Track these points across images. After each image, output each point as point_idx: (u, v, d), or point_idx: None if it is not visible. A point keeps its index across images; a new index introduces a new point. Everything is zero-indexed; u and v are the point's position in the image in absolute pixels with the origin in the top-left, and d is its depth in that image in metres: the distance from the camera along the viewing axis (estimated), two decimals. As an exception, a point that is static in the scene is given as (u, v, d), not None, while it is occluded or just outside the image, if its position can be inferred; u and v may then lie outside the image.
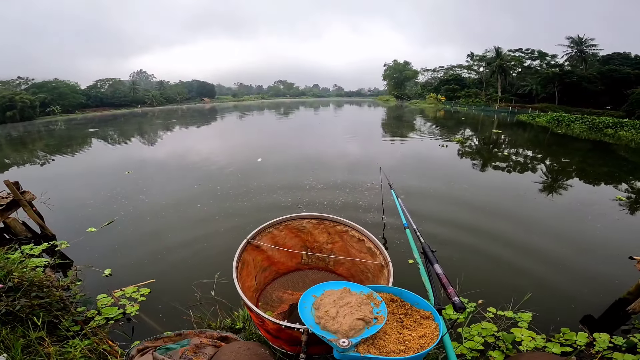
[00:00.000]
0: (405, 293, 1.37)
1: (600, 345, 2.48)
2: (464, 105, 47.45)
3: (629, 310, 2.92)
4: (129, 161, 10.78)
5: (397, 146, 13.19)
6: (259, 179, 7.43)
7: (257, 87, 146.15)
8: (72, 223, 5.15)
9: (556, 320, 2.87)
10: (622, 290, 3.15)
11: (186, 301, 3.06)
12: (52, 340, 2.19)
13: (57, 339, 2.24)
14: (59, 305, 2.56)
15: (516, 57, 48.88)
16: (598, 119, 23.04)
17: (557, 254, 4.16)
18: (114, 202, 6.14)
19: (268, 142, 14.52)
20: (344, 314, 1.14)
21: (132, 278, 3.47)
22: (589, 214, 5.54)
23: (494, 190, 6.91)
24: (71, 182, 8.26)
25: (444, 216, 5.38)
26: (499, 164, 9.64)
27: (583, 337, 2.55)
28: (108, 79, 75.00)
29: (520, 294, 3.06)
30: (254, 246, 2.37)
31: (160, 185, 7.32)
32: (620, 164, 11.15)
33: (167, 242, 4.53)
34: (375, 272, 2.15)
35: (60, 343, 2.16)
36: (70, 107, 59.43)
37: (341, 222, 2.50)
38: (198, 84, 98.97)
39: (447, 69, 64.51)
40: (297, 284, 2.65)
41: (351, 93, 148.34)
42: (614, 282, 3.49)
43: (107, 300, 3.00)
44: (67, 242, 4.36)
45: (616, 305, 3.10)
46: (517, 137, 18.16)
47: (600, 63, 40.82)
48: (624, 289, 3.13)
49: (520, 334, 2.56)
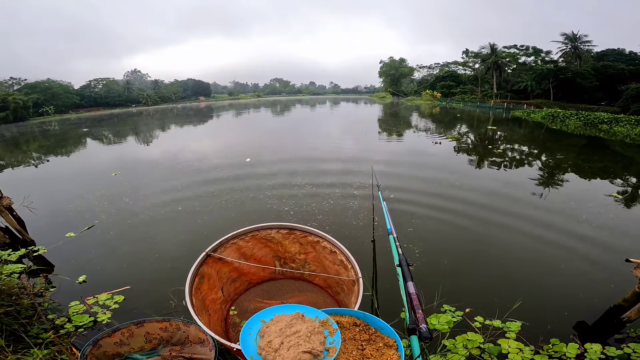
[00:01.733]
0: (370, 317, 1.23)
1: (592, 357, 2.35)
2: (459, 102, 47.39)
3: (624, 318, 2.79)
4: (118, 162, 10.57)
5: (391, 144, 13.06)
6: (246, 181, 7.26)
7: (253, 85, 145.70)
8: (53, 227, 5.02)
9: (547, 328, 2.73)
10: (618, 296, 3.01)
11: (160, 309, 2.95)
12: (17, 348, 2.11)
13: (22, 347, 2.15)
14: (28, 312, 2.49)
15: (511, 53, 48.90)
16: (593, 115, 23.03)
17: (551, 256, 4.03)
18: (97, 205, 5.98)
19: (260, 142, 14.32)
20: (288, 345, 1.00)
21: (107, 284, 3.38)
22: (583, 212, 5.40)
23: (486, 189, 6.76)
24: (57, 184, 8.08)
25: (434, 216, 5.25)
26: (494, 161, 9.51)
27: (573, 348, 2.41)
28: (102, 78, 74.52)
29: (510, 300, 2.92)
30: (215, 259, 2.22)
31: (145, 188, 7.13)
32: (616, 160, 11.07)
33: (146, 247, 4.39)
34: (349, 285, 2.01)
35: (23, 351, 2.07)
36: (64, 108, 59.00)
37: (312, 232, 2.35)
38: (193, 82, 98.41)
39: (443, 66, 64.54)
40: (273, 294, 2.51)
41: (347, 90, 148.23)
42: (610, 286, 3.37)
43: (80, 307, 2.92)
44: (45, 247, 4.25)
45: (611, 313, 2.96)
46: (512, 133, 18.07)
47: (595, 59, 40.92)
48: (620, 294, 3.00)
49: (507, 345, 2.42)
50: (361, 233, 4.55)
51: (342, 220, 5.05)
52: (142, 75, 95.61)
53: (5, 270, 3.09)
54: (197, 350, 1.98)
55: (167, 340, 2.04)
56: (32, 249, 4.16)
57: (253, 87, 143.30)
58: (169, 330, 2.04)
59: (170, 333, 2.05)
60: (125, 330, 1.93)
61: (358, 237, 4.43)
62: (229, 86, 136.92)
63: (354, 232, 4.62)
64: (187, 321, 2.06)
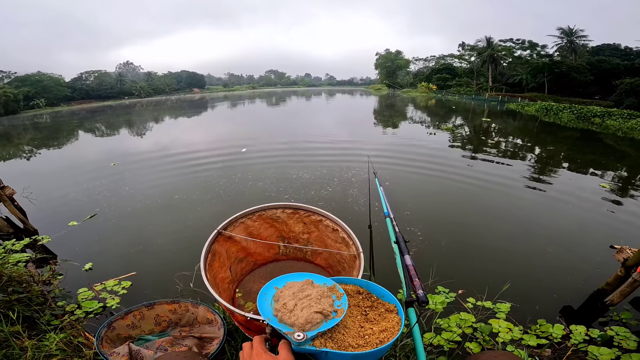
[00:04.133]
0: (372, 285, 1.33)
1: (576, 337, 2.47)
2: (454, 94, 47.55)
3: (607, 301, 2.92)
4: (116, 153, 10.54)
5: (387, 135, 13.14)
6: (243, 170, 7.32)
7: (248, 76, 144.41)
8: (55, 217, 5.05)
9: (535, 309, 2.87)
10: (602, 280, 3.13)
11: (167, 293, 3.03)
12: (31, 334, 2.19)
13: (35, 333, 2.22)
14: (39, 299, 2.56)
15: (507, 47, 49.05)
16: (586, 108, 23.33)
17: (539, 241, 4.19)
18: (97, 195, 6.02)
19: (256, 132, 14.30)
20: (302, 306, 1.10)
21: (113, 271, 3.45)
22: (571, 201, 5.58)
23: (478, 178, 6.92)
24: (55, 175, 8.06)
25: (426, 203, 5.41)
26: (486, 152, 9.66)
27: (559, 329, 2.54)
28: (93, 71, 73.59)
29: (500, 283, 3.06)
30: (225, 237, 2.32)
31: (144, 177, 7.16)
32: (606, 152, 11.29)
33: (150, 233, 4.47)
34: (350, 263, 2.12)
35: (38, 337, 2.15)
36: (55, 100, 58.28)
37: (315, 211, 2.45)
38: (187, 74, 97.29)
39: (439, 59, 64.55)
40: (276, 275, 2.59)
41: (343, 82, 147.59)
42: (596, 270, 3.52)
43: (88, 294, 2.99)
44: (49, 236, 4.30)
45: (595, 296, 3.10)
46: (506, 125, 18.24)
47: (590, 54, 41.26)
48: (605, 279, 3.12)
49: (498, 325, 2.55)
50: (361, 219, 4.67)
51: (342, 206, 5.17)
52: (135, 67, 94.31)
53: (11, 259, 3.13)
54: (206, 330, 2.06)
55: (176, 322, 2.13)
56: (35, 238, 4.19)
57: (248, 78, 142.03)
58: (177, 312, 2.13)
59: (179, 315, 2.14)
60: (137, 312, 2.01)
61: (357, 222, 4.56)
62: (224, 78, 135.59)
63: (354, 217, 4.74)
64: (195, 302, 2.14)
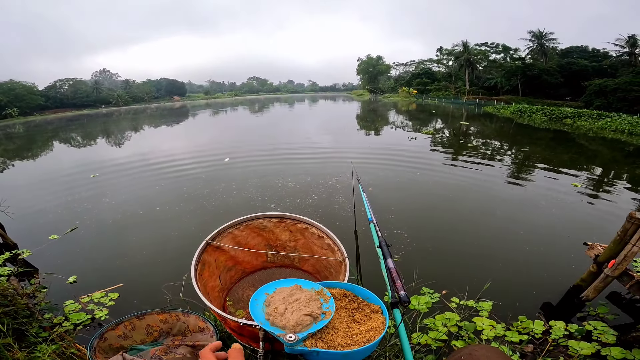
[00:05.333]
0: (357, 288, 1.42)
1: (556, 333, 2.58)
2: (434, 98, 48.73)
3: (583, 297, 3.04)
4: (95, 164, 10.24)
5: (370, 139, 13.37)
6: (227, 179, 7.29)
7: (230, 83, 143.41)
8: (35, 231, 4.96)
9: (516, 306, 2.99)
10: (578, 276, 3.26)
11: (156, 304, 3.03)
12: (22, 346, 2.19)
13: (25, 346, 2.23)
14: (25, 312, 2.56)
15: (482, 50, 50.71)
16: (557, 110, 24.39)
17: (517, 240, 4.37)
18: (77, 207, 5.90)
19: (239, 141, 14.24)
20: (292, 310, 1.17)
21: (98, 283, 3.44)
22: (546, 200, 5.85)
23: (458, 180, 7.15)
24: (32, 188, 7.78)
25: (409, 207, 5.56)
26: (466, 154, 9.97)
27: (539, 325, 2.65)
28: (68, 79, 71.18)
29: (481, 281, 3.17)
30: (214, 247, 2.36)
31: (124, 188, 7.02)
32: (578, 152, 11.85)
33: (134, 245, 4.44)
34: (336, 268, 2.20)
35: (29, 349, 2.15)
36: (28, 109, 56.15)
37: (301, 220, 2.54)
38: (167, 82, 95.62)
39: (418, 63, 66.00)
40: (264, 282, 2.65)
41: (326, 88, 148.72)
42: (571, 267, 3.67)
43: (75, 306, 3.00)
44: (29, 250, 4.22)
45: (571, 292, 3.23)
46: (484, 128, 18.85)
47: (560, 56, 43.03)
48: (580, 274, 3.25)
49: (481, 323, 2.65)
50: (348, 224, 4.75)
51: (329, 212, 5.24)
52: (112, 74, 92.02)
53: None
54: (198, 338, 2.07)
55: (167, 331, 2.13)
56: (16, 252, 4.11)
57: (230, 85, 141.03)
58: (168, 321, 2.14)
59: (170, 325, 2.14)
60: (127, 322, 2.01)
61: (344, 227, 4.64)
62: (205, 85, 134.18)
63: (341, 223, 4.81)
64: (186, 311, 2.15)
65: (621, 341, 2.52)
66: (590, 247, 3.14)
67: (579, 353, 2.36)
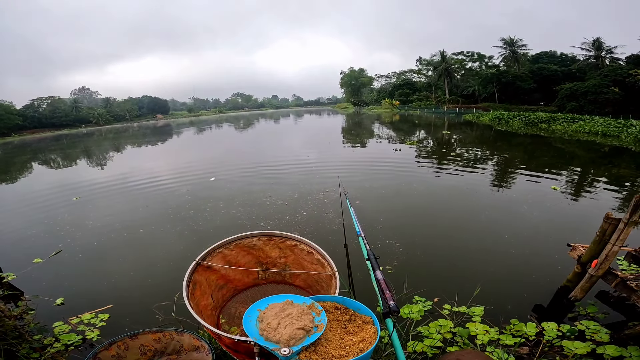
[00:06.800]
0: (348, 301, 1.45)
1: (549, 334, 2.60)
2: (416, 109, 49.93)
3: (571, 297, 3.09)
4: (78, 187, 9.94)
5: (355, 153, 13.56)
6: (213, 199, 7.16)
7: (214, 100, 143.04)
8: (17, 254, 4.84)
9: (507, 309, 3.01)
10: (564, 277, 3.31)
11: (148, 324, 2.95)
12: None
13: None
14: (13, 334, 2.54)
15: (459, 59, 52.39)
16: (533, 115, 25.34)
17: (503, 244, 4.46)
18: (60, 230, 5.77)
19: (224, 159, 14.17)
20: (284, 324, 1.20)
21: (87, 305, 3.39)
22: (527, 204, 6.02)
23: (442, 189, 7.31)
24: (15, 212, 7.53)
25: (396, 217, 5.62)
26: (449, 163, 10.21)
27: (532, 327, 2.68)
28: (46, 97, 69.18)
29: (471, 287, 3.20)
30: (204, 267, 2.36)
31: (108, 210, 6.84)
32: (556, 155, 12.30)
33: (120, 267, 4.35)
34: (327, 282, 2.23)
35: None
36: (5, 130, 54.22)
37: (290, 237, 2.57)
38: (149, 99, 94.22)
39: (399, 74, 67.64)
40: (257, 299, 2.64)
41: (310, 102, 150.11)
42: (557, 268, 3.74)
43: (64, 327, 2.97)
44: (13, 274, 4.13)
45: (560, 293, 3.28)
46: (465, 136, 19.38)
47: (531, 62, 44.71)
48: (566, 275, 3.29)
49: (474, 328, 2.67)
50: (340, 238, 4.76)
51: (319, 228, 5.23)
52: (92, 93, 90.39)
53: None
54: (193, 357, 2.05)
55: (162, 351, 2.11)
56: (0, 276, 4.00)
57: (214, 102, 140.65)
58: (162, 341, 2.12)
59: (164, 344, 2.12)
60: (120, 343, 1.99)
61: (336, 241, 4.65)
62: (189, 102, 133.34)
63: (332, 237, 4.81)
64: (180, 330, 2.13)
65: (615, 339, 2.55)
66: (573, 248, 3.21)
67: (573, 353, 2.39)
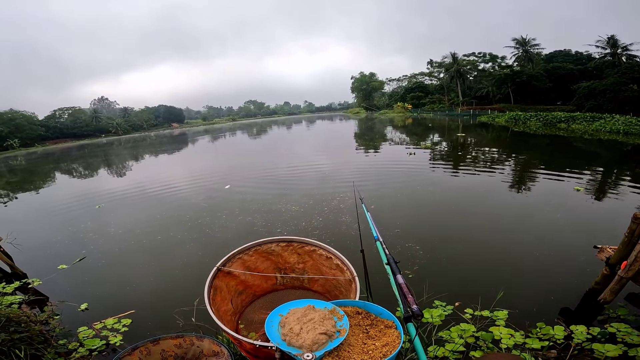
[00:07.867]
0: (369, 305, 1.45)
1: (579, 337, 2.52)
2: (429, 112, 49.43)
3: (600, 300, 2.99)
4: (100, 195, 10.28)
5: (369, 157, 13.52)
6: (229, 206, 7.23)
7: (227, 108, 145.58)
8: (43, 261, 5.00)
9: (533, 313, 2.93)
10: (593, 279, 3.20)
11: (169, 329, 3.02)
12: None
13: None
14: (39, 339, 2.62)
15: (471, 61, 51.66)
16: (551, 115, 24.70)
17: (526, 246, 4.34)
18: (83, 238, 5.96)
19: (238, 166, 14.35)
20: (307, 329, 1.21)
21: (110, 310, 3.47)
22: (550, 205, 5.85)
23: (460, 192, 7.19)
24: (38, 220, 7.87)
25: (413, 221, 5.56)
26: (465, 165, 10.05)
27: (560, 330, 2.60)
28: (67, 107, 71.66)
29: (494, 291, 3.11)
30: (225, 272, 2.39)
31: (129, 218, 7.04)
32: (577, 155, 11.95)
33: (142, 273, 4.46)
34: (346, 286, 2.23)
35: None
36: (29, 140, 56.39)
37: (308, 242, 2.59)
38: (165, 109, 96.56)
39: (411, 77, 67.17)
40: (275, 305, 2.64)
41: (322, 108, 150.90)
42: (586, 270, 3.61)
43: (88, 332, 3.04)
44: (39, 279, 4.28)
45: (588, 296, 3.17)
46: (481, 138, 19.06)
47: (545, 61, 43.59)
48: (594, 277, 3.19)
49: (498, 332, 2.60)
50: (356, 243, 4.75)
51: (336, 233, 5.21)
52: (110, 102, 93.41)
53: (4, 301, 3.16)
54: None
55: (182, 356, 2.14)
56: (26, 281, 4.18)
57: (227, 110, 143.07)
58: (183, 346, 2.15)
59: (185, 349, 2.16)
60: (143, 348, 2.03)
61: (354, 246, 4.63)
62: (203, 111, 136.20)
63: (351, 241, 4.77)
64: (199, 335, 2.16)
65: (648, 342, 2.44)
66: (601, 250, 3.11)
67: (605, 355, 2.31)
